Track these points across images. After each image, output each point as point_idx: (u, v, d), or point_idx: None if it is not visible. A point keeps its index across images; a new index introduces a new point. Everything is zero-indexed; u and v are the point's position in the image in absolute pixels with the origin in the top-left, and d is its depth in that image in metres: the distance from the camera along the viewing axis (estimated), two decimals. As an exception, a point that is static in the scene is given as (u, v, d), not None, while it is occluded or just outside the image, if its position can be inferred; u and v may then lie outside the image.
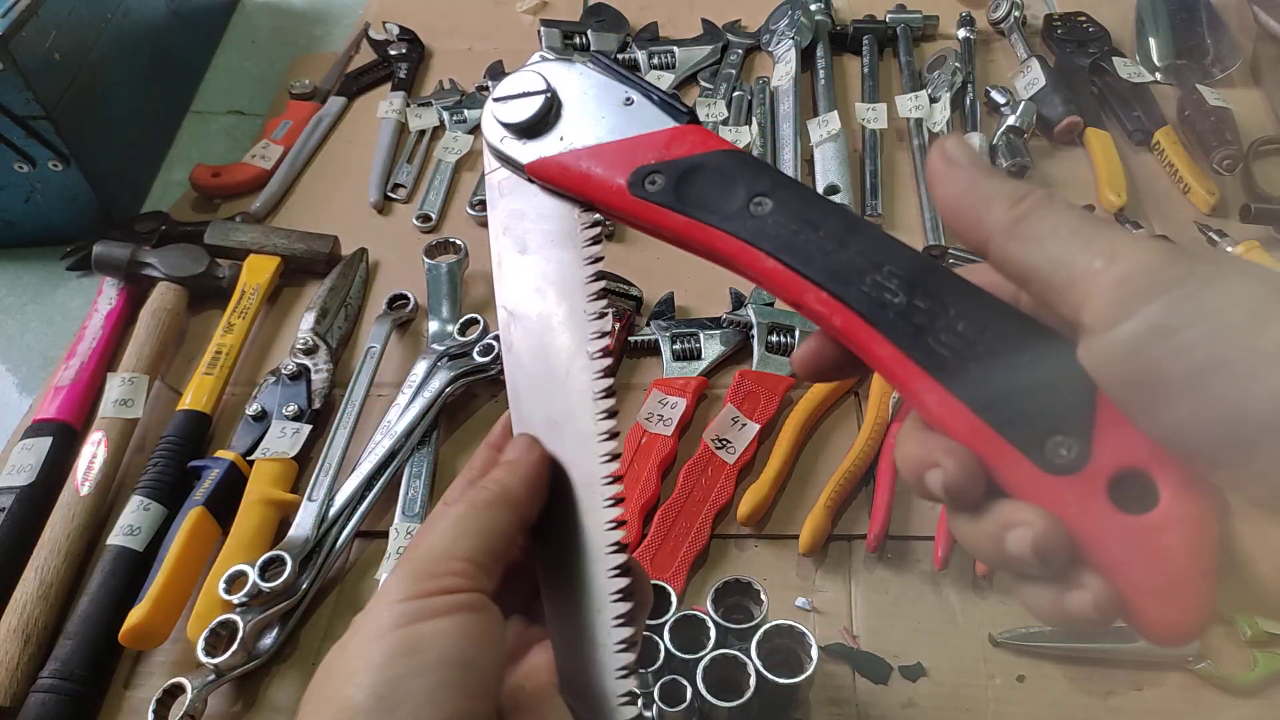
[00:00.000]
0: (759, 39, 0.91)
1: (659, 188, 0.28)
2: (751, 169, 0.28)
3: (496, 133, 0.31)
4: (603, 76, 0.31)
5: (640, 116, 0.30)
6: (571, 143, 0.30)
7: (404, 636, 0.25)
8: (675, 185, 0.28)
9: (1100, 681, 0.50)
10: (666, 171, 0.29)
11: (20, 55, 0.67)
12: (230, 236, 0.73)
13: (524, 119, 0.30)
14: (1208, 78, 0.83)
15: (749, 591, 0.48)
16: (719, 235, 0.27)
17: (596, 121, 0.30)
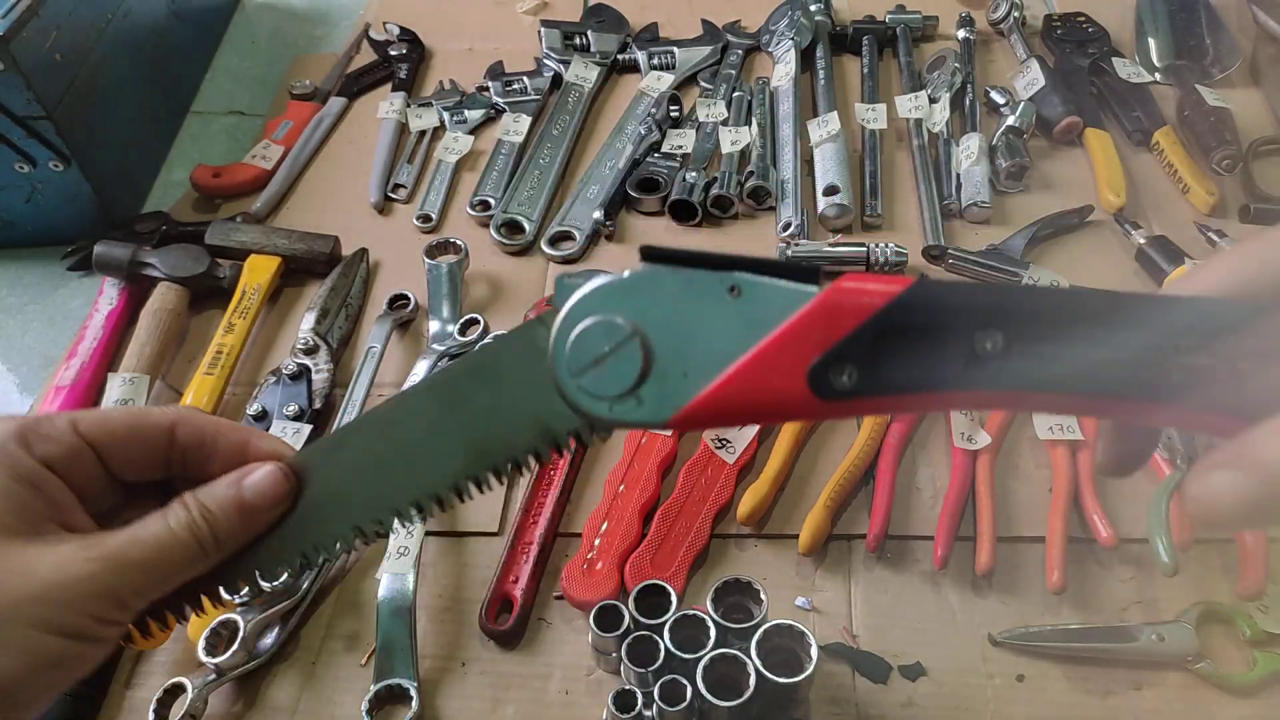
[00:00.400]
0: (759, 39, 0.91)
1: (854, 380, 0.23)
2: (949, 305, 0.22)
3: (596, 408, 0.25)
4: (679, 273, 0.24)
5: (762, 304, 0.23)
6: (703, 377, 0.24)
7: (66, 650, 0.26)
8: (871, 366, 0.23)
9: (1099, 681, 0.50)
10: (849, 355, 0.22)
11: (21, 56, 0.67)
12: (231, 237, 0.73)
13: (628, 385, 0.24)
14: (1207, 78, 0.83)
15: (749, 591, 0.48)
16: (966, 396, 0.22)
17: (712, 335, 0.24)
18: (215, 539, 0.29)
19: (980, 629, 0.52)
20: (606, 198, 0.76)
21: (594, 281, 0.25)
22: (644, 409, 0.25)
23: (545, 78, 0.88)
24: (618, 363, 0.24)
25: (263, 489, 0.29)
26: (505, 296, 0.72)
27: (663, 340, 0.24)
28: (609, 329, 0.24)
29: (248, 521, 0.29)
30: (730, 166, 0.78)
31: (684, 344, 0.24)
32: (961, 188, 0.75)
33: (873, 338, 0.22)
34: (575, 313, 0.25)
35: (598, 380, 0.25)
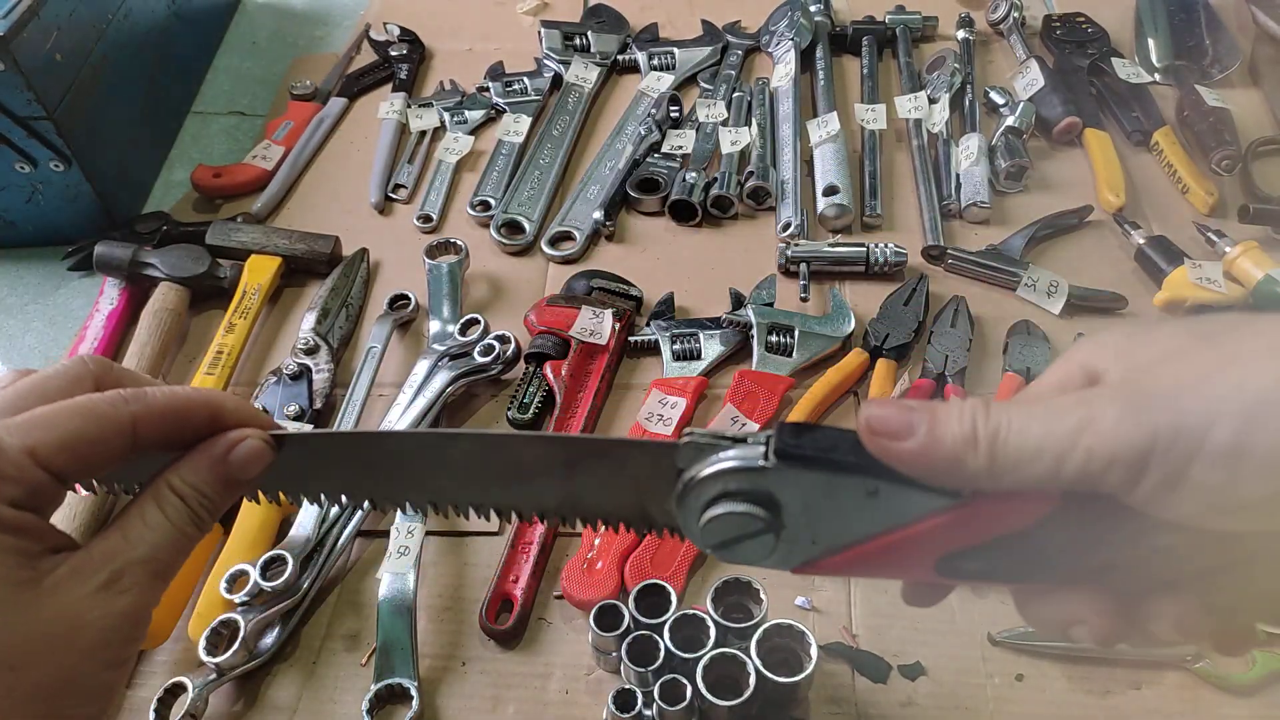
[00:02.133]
0: (759, 40, 0.92)
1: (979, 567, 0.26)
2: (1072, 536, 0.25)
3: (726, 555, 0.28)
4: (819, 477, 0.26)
5: (897, 503, 0.26)
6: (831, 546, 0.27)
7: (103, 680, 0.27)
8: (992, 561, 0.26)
9: (1099, 681, 0.50)
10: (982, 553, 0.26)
11: (22, 56, 0.67)
12: (231, 237, 0.73)
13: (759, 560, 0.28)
14: (1206, 78, 0.84)
15: (749, 591, 0.48)
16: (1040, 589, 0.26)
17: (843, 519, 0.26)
18: (211, 516, 0.29)
19: (980, 629, 0.52)
20: (606, 198, 0.76)
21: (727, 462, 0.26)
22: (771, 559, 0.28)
23: (545, 78, 0.88)
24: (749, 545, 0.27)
25: (250, 463, 0.29)
26: (505, 296, 0.72)
27: (794, 522, 0.27)
28: (744, 521, 0.27)
29: (235, 493, 0.30)
30: (730, 167, 0.78)
31: (816, 524, 0.27)
32: (961, 188, 0.75)
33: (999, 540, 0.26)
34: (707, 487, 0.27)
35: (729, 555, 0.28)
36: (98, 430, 0.27)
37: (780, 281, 0.69)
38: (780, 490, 0.26)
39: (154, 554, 0.28)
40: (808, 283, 0.69)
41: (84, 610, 0.26)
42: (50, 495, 0.27)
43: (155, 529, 0.28)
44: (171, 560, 0.29)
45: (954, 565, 0.26)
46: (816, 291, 0.70)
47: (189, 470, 0.29)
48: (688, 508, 0.28)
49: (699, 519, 0.28)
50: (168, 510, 0.28)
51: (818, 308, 0.69)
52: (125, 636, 0.27)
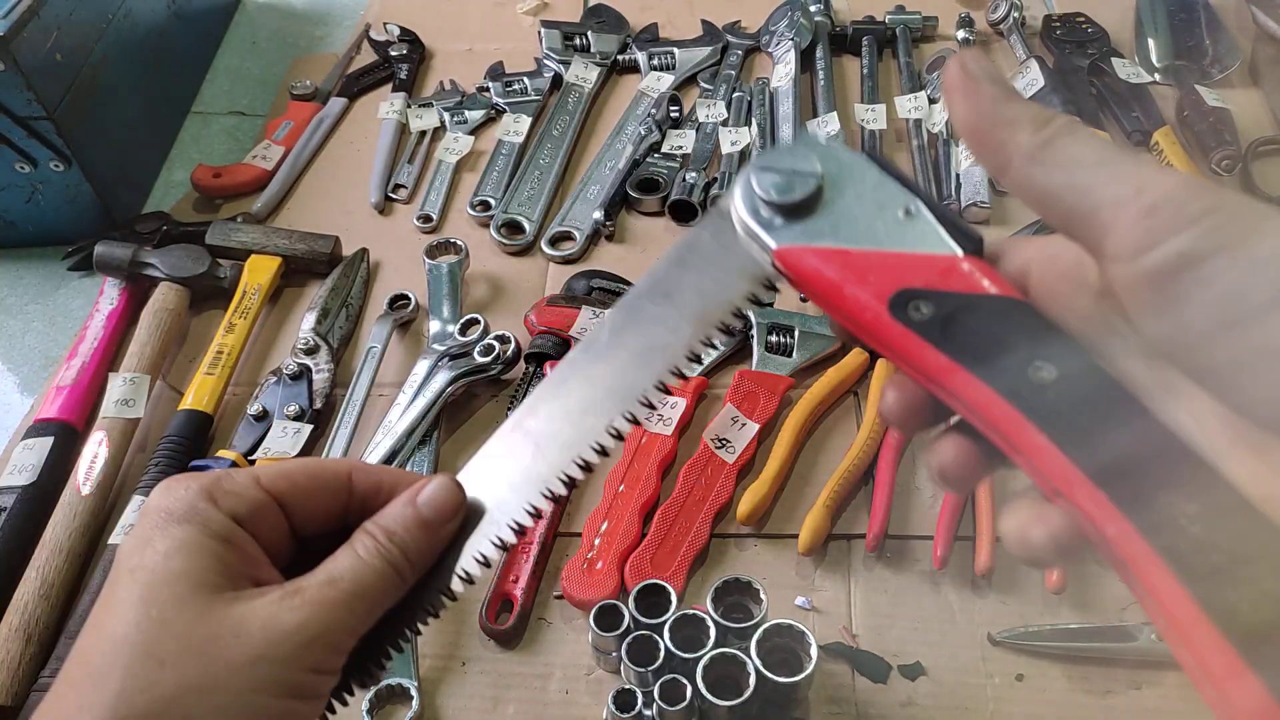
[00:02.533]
0: (758, 40, 0.92)
1: (924, 317, 0.25)
2: (1040, 326, 0.24)
3: (749, 206, 0.27)
4: (884, 176, 0.27)
5: (918, 233, 0.26)
6: (833, 239, 0.27)
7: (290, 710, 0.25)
8: (944, 320, 0.25)
9: (1099, 680, 0.50)
10: (936, 302, 0.25)
11: (21, 56, 0.67)
12: (231, 237, 0.73)
13: (789, 199, 0.27)
14: (1206, 78, 0.84)
15: (749, 591, 0.48)
16: (983, 390, 0.24)
17: (865, 223, 0.27)
18: (406, 559, 0.27)
19: (980, 628, 0.52)
20: (606, 198, 0.76)
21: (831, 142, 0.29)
22: (775, 232, 0.27)
23: (545, 78, 0.88)
24: (793, 181, 0.27)
25: (437, 501, 0.28)
26: (506, 296, 0.72)
27: (831, 200, 0.27)
28: (807, 160, 0.27)
29: (431, 537, 0.28)
30: (730, 167, 0.78)
31: (842, 213, 0.27)
32: (961, 188, 0.75)
33: (961, 306, 0.25)
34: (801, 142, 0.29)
35: (768, 179, 0.27)
36: (318, 468, 0.29)
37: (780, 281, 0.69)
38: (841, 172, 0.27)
39: (337, 575, 0.27)
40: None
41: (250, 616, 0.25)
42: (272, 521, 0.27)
43: (342, 560, 0.27)
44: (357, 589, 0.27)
45: (905, 305, 0.25)
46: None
47: (382, 515, 0.29)
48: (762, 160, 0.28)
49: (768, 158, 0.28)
50: (358, 546, 0.27)
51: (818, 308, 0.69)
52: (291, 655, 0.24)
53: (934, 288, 0.25)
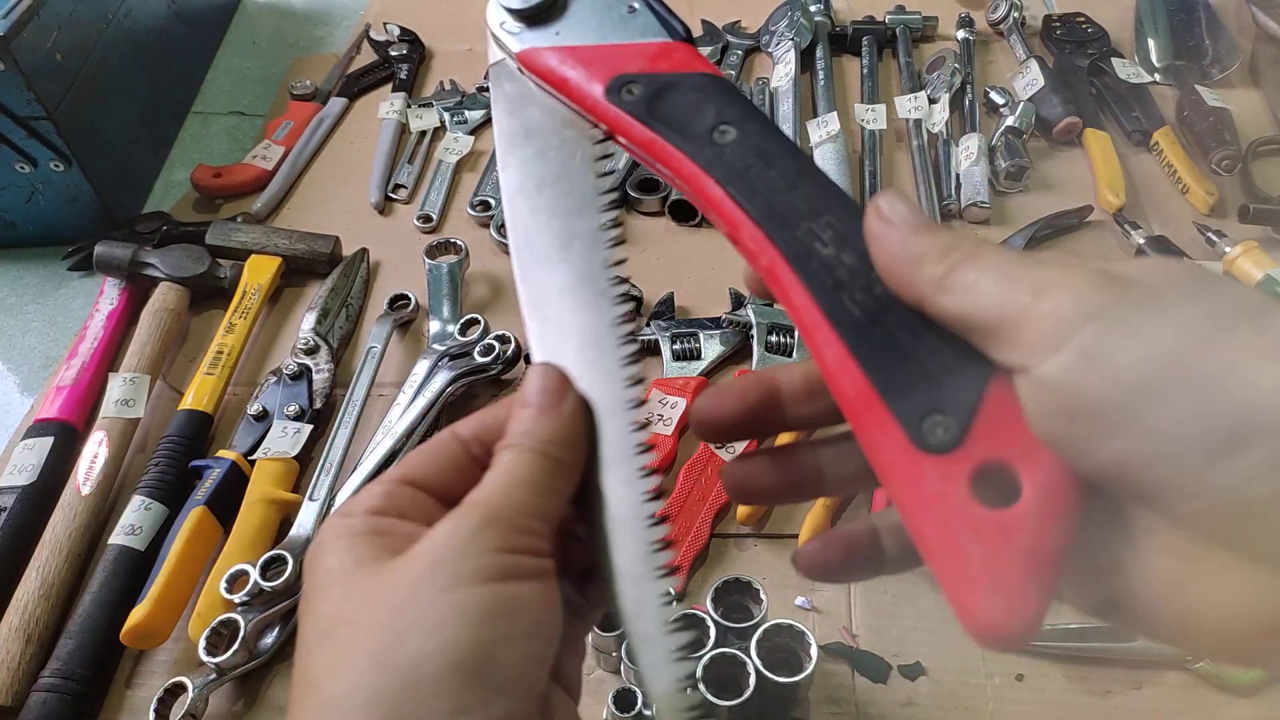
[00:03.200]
0: (758, 40, 0.92)
1: (634, 98, 0.28)
2: (725, 96, 0.28)
3: (498, 16, 0.31)
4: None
5: (637, 25, 0.30)
6: (565, 39, 0.30)
7: (502, 594, 0.22)
8: (650, 98, 0.28)
9: (1099, 680, 0.50)
10: (645, 83, 0.28)
11: (22, 56, 0.67)
12: (231, 237, 0.73)
13: (528, 6, 0.30)
14: (1206, 78, 0.84)
15: (749, 590, 0.48)
16: (676, 155, 0.27)
17: (594, 23, 0.30)
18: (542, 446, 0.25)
19: (980, 628, 0.52)
20: (606, 198, 0.76)
21: None
22: (518, 38, 0.30)
23: (545, 78, 0.88)
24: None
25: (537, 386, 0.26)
26: (505, 296, 0.72)
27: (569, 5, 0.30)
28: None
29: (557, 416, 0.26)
30: (730, 167, 0.78)
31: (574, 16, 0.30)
32: (961, 188, 0.75)
33: (665, 85, 0.28)
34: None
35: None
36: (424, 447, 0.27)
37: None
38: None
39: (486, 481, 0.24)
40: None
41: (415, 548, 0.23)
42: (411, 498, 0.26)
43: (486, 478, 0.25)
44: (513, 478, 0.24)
45: (620, 89, 0.28)
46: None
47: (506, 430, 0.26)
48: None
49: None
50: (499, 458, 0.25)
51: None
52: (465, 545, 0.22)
53: (643, 71, 0.29)
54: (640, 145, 0.28)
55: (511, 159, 0.30)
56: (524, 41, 0.30)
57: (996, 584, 0.21)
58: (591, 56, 0.29)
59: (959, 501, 0.22)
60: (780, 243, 0.25)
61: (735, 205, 0.26)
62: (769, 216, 0.26)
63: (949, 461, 0.22)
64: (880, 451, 0.23)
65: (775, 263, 0.25)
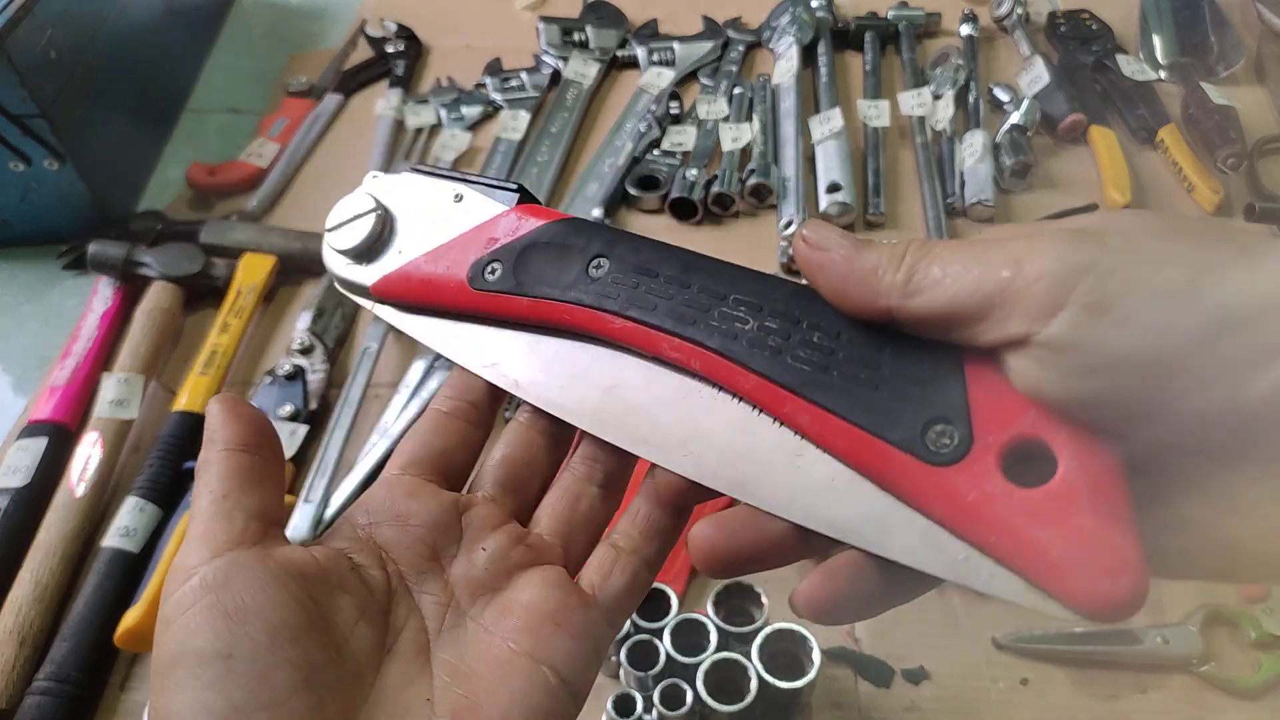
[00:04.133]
0: (760, 36, 0.91)
1: (498, 275, 0.28)
2: (584, 233, 0.27)
3: (339, 263, 0.30)
4: (429, 179, 0.30)
5: (472, 209, 0.29)
6: (409, 253, 0.29)
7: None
8: (514, 270, 0.28)
9: (1104, 684, 0.49)
10: (503, 257, 0.28)
11: (16, 53, 0.66)
12: (226, 235, 0.72)
13: (360, 242, 0.30)
14: (1212, 76, 0.83)
15: (750, 595, 0.48)
16: (563, 308, 0.27)
17: (431, 226, 0.29)
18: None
19: (984, 632, 0.51)
20: (606, 195, 0.76)
21: (382, 177, 0.31)
22: (365, 272, 0.30)
23: (544, 74, 0.87)
24: (358, 226, 0.30)
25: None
26: (504, 295, 0.71)
27: (399, 222, 0.30)
28: (364, 202, 0.30)
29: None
30: (731, 164, 0.77)
31: (409, 229, 0.30)
32: (965, 185, 0.75)
33: (522, 249, 0.28)
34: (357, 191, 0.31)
35: (340, 235, 0.30)
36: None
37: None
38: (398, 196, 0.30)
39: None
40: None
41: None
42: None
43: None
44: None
45: (481, 273, 0.28)
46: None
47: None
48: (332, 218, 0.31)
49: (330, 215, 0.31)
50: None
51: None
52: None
53: (496, 247, 0.28)
54: (523, 314, 0.27)
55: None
56: (372, 274, 0.30)
57: (1083, 556, 0.20)
58: (442, 257, 0.29)
59: (1003, 496, 0.21)
60: (701, 340, 0.25)
61: (641, 326, 0.26)
62: (679, 320, 0.25)
63: (972, 463, 0.21)
64: (903, 485, 0.22)
65: (706, 360, 0.25)
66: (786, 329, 0.24)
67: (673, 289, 0.26)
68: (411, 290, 0.29)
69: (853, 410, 0.23)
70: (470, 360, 0.29)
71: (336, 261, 0.31)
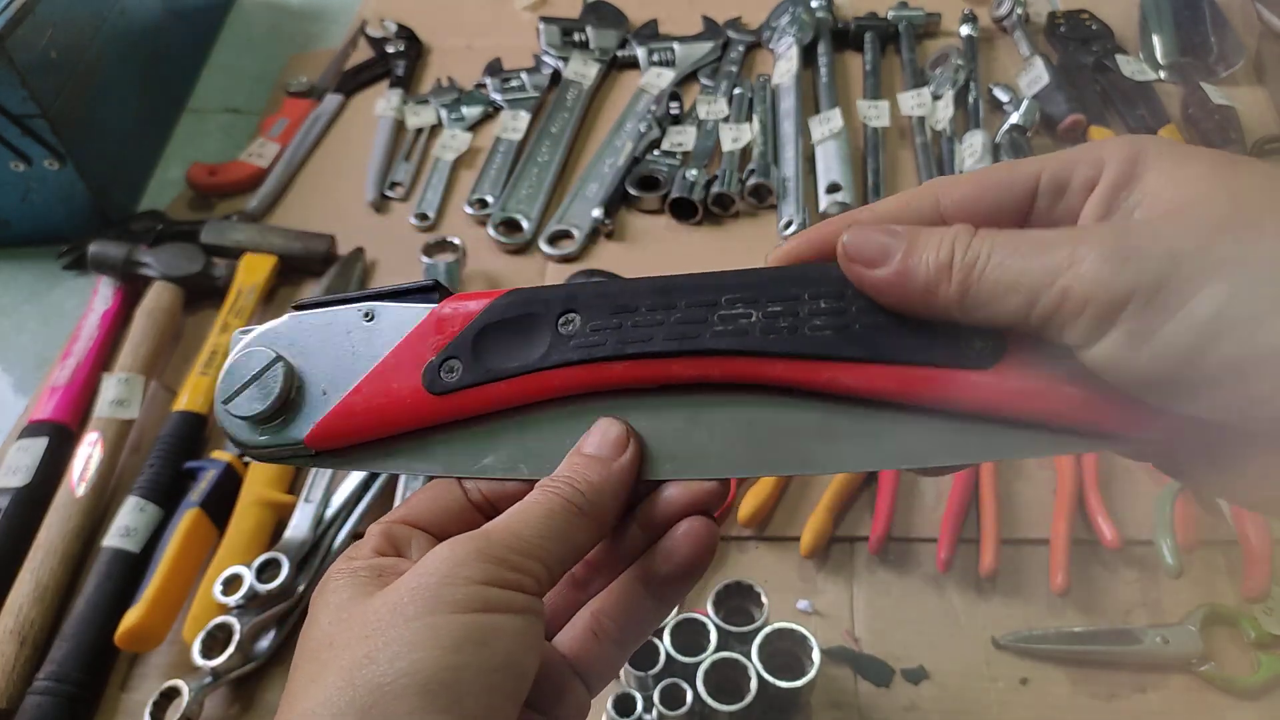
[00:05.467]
0: (760, 36, 0.91)
1: (460, 372, 0.26)
2: (537, 298, 0.26)
3: (247, 431, 0.27)
4: (323, 311, 0.27)
5: (391, 322, 0.26)
6: (338, 391, 0.26)
7: (478, 623, 0.22)
8: (475, 359, 0.26)
9: (1104, 684, 0.49)
10: (456, 352, 0.26)
11: (16, 53, 0.66)
12: (226, 235, 0.72)
13: (272, 401, 0.26)
14: (1211, 76, 0.83)
15: (750, 594, 0.48)
16: (550, 375, 0.25)
17: (349, 355, 0.26)
18: (575, 489, 0.25)
19: (984, 632, 0.51)
20: (606, 196, 0.76)
21: (256, 329, 0.28)
22: (287, 430, 0.26)
23: (544, 74, 0.87)
24: (261, 386, 0.26)
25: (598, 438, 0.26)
26: (504, 295, 0.71)
27: (308, 369, 0.27)
28: (257, 357, 0.27)
29: (602, 470, 0.25)
30: (731, 164, 0.77)
31: (326, 370, 0.27)
32: (964, 186, 0.75)
33: (474, 337, 0.26)
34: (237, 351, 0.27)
35: (242, 404, 0.26)
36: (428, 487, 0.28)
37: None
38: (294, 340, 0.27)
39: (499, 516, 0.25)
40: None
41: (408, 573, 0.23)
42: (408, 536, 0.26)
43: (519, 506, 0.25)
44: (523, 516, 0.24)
45: (439, 378, 0.26)
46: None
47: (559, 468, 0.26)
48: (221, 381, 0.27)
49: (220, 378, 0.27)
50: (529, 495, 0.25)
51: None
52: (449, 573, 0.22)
53: (443, 344, 0.26)
54: (506, 398, 0.26)
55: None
56: (299, 429, 0.26)
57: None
58: (381, 380, 0.26)
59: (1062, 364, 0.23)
60: (714, 347, 0.25)
61: (646, 359, 0.25)
62: (682, 339, 0.25)
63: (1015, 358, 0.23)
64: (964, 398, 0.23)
65: (726, 364, 0.25)
66: (792, 307, 0.24)
67: (659, 314, 0.25)
68: (359, 427, 0.26)
69: (886, 352, 0.24)
70: (459, 469, 0.26)
71: (244, 431, 0.26)
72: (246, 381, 0.26)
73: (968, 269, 0.23)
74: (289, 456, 0.27)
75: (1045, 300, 0.22)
